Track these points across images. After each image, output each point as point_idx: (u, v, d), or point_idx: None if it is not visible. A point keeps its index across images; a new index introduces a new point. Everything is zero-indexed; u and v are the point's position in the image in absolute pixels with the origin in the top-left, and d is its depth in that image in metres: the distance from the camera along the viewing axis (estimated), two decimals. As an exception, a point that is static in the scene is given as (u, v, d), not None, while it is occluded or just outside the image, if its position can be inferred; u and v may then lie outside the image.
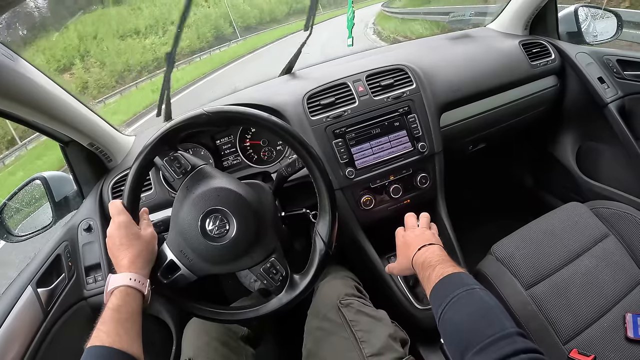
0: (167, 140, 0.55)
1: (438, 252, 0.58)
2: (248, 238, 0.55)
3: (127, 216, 0.55)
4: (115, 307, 0.47)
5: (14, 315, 0.65)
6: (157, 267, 0.55)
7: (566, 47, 1.06)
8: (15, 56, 0.65)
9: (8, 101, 0.63)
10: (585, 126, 1.10)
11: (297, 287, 0.57)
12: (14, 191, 0.92)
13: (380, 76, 0.84)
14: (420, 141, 0.82)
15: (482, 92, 0.93)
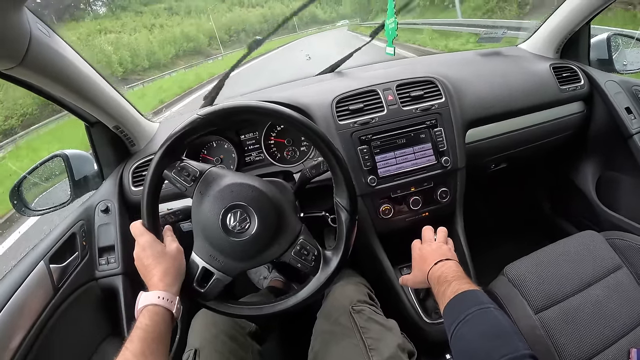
0: (170, 152, 0.59)
1: (454, 268, 0.63)
2: (270, 228, 0.59)
3: (150, 235, 0.59)
4: (143, 327, 0.50)
5: (25, 289, 0.69)
6: (191, 280, 0.59)
7: (596, 74, 1.12)
8: (51, 32, 0.70)
9: (42, 77, 0.68)
10: (608, 155, 1.15)
11: (332, 262, 0.61)
12: (34, 165, 0.98)
13: (411, 87, 0.90)
14: (444, 155, 0.87)
15: (510, 111, 0.99)
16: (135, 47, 24.16)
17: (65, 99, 0.80)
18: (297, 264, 0.60)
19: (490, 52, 1.17)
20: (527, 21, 4.17)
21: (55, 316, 0.73)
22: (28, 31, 0.60)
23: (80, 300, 0.82)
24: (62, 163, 0.98)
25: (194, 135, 0.60)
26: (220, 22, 53.86)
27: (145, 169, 0.93)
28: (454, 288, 0.57)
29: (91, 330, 0.85)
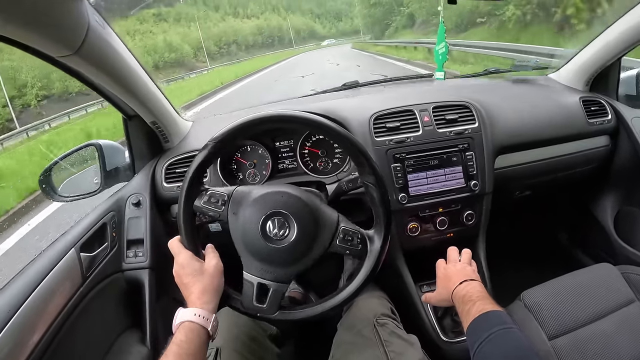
0: (192, 186, 0.63)
1: (479, 289, 0.67)
2: (310, 227, 0.62)
3: (187, 253, 0.62)
4: (178, 342, 0.52)
5: (55, 275, 0.72)
6: (250, 299, 0.62)
7: (623, 109, 1.17)
8: (104, 24, 0.73)
9: (94, 67, 0.71)
10: (629, 191, 1.20)
11: (377, 240, 0.64)
12: (68, 152, 1.02)
13: (446, 110, 0.95)
14: (473, 179, 0.92)
15: (539, 141, 1.04)
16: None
17: (110, 91, 0.84)
18: (345, 251, 0.63)
19: (521, 80, 1.22)
20: (560, 49, 4.27)
21: (82, 304, 0.76)
22: (86, 21, 0.63)
23: (106, 290, 0.85)
24: (95, 152, 1.02)
25: (213, 161, 0.65)
26: (211, 32, 49.99)
27: (179, 167, 0.98)
28: (478, 307, 0.60)
29: (113, 321, 0.88)
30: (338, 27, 66.94)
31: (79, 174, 1.05)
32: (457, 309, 0.67)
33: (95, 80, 0.78)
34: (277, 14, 63.39)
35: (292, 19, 61.12)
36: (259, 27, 55.21)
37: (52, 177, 0.99)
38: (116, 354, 0.83)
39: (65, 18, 0.59)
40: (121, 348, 0.85)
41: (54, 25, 0.57)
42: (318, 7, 68.62)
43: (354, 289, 0.64)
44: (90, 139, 1.05)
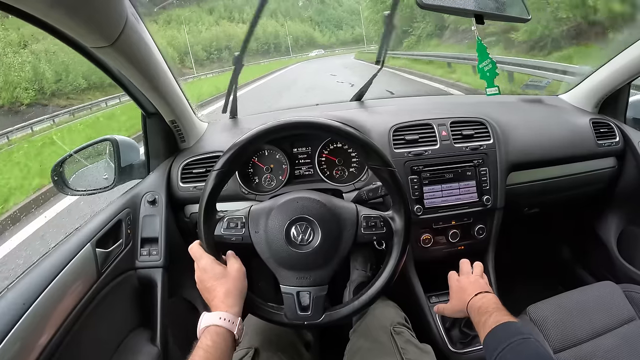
0: (209, 214, 0.65)
1: (494, 301, 0.70)
2: (332, 224, 0.64)
3: (209, 257, 0.63)
4: (204, 347, 0.53)
5: (71, 269, 0.73)
6: (294, 310, 0.63)
7: (631, 132, 1.22)
8: (139, 19, 0.75)
9: (125, 61, 0.73)
10: (633, 211, 1.25)
11: (397, 219, 0.67)
12: (83, 145, 1.03)
13: (463, 125, 0.99)
14: (486, 194, 0.96)
15: (550, 160, 1.09)
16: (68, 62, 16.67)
17: (135, 86, 0.85)
18: (372, 237, 0.66)
19: (532, 99, 1.27)
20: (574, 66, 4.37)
21: (95, 301, 0.78)
22: (125, 14, 0.65)
23: (118, 288, 0.87)
24: (111, 147, 1.03)
25: (222, 186, 0.66)
26: (201, 36, 45.94)
27: (196, 167, 1.00)
28: (495, 318, 0.63)
29: (124, 319, 0.89)
30: (338, 35, 63.97)
31: (91, 168, 1.07)
32: (473, 320, 0.70)
33: (125, 74, 0.80)
34: (274, 19, 59.33)
35: (290, 26, 59.84)
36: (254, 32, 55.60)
37: (65, 169, 1.00)
38: (125, 352, 0.84)
39: (106, 9, 0.60)
40: (131, 346, 0.87)
41: (95, 15, 0.59)
42: (318, 15, 66.56)
43: (389, 273, 0.67)
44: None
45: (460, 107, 1.07)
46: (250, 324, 0.80)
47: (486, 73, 0.88)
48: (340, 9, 67.50)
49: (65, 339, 0.67)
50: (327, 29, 65.18)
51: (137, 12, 0.75)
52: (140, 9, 0.76)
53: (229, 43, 44.91)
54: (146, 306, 0.93)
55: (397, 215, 0.68)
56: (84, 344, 0.73)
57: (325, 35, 64.25)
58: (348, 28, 64.06)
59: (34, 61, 16.14)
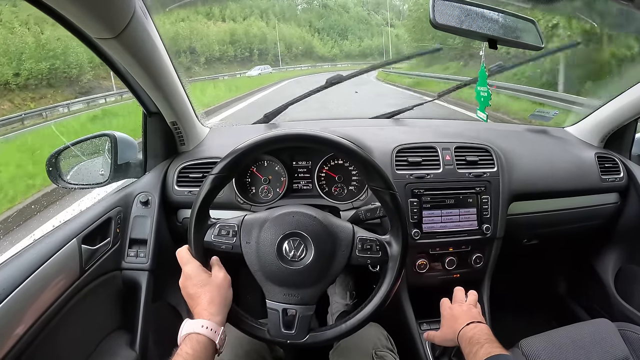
0: (201, 219, 0.64)
1: (486, 332, 0.68)
2: (326, 243, 0.62)
3: (195, 263, 0.62)
4: (184, 355, 0.52)
5: (53, 263, 0.70)
6: (278, 326, 0.61)
7: (635, 169, 1.21)
8: (147, 14, 0.74)
9: (129, 55, 0.71)
10: (632, 249, 1.24)
11: (393, 244, 0.65)
12: (81, 138, 1.02)
13: (468, 151, 0.98)
14: (486, 223, 0.94)
15: (553, 192, 1.07)
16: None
17: (138, 83, 0.84)
18: (366, 261, 0.64)
19: (538, 129, 1.26)
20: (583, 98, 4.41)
21: (76, 298, 0.75)
22: (133, 7, 0.64)
23: (100, 287, 0.84)
24: (108, 143, 1.01)
25: (218, 192, 0.64)
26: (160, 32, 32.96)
27: (193, 172, 0.98)
28: (486, 350, 0.61)
29: (103, 319, 0.87)
30: (342, 46, 49.99)
31: (87, 163, 1.05)
32: (463, 350, 0.68)
33: (127, 69, 0.79)
34: (264, 20, 43.65)
35: (283, 29, 44.24)
36: (232, 33, 36.96)
37: (60, 161, 0.99)
38: (102, 354, 0.81)
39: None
40: (108, 348, 0.84)
41: (102, 5, 0.58)
42: (318, 19, 52.20)
43: (380, 300, 0.64)
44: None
45: (466, 133, 1.06)
46: (228, 336, 0.77)
47: (481, 97, 0.87)
48: (347, 15, 54.48)
49: (40, 333, 0.65)
50: (330, 37, 50.84)
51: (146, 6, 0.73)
52: (150, 3, 0.75)
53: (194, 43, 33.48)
54: (128, 308, 0.91)
55: (394, 240, 0.66)
56: (60, 341, 0.71)
57: (327, 44, 49.40)
58: (355, 38, 51.34)
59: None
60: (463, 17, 0.81)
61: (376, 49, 47.43)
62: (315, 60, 43.02)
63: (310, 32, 50.26)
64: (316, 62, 41.95)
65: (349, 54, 48.11)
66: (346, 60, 43.62)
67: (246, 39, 38.17)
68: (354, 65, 33.80)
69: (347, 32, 52.64)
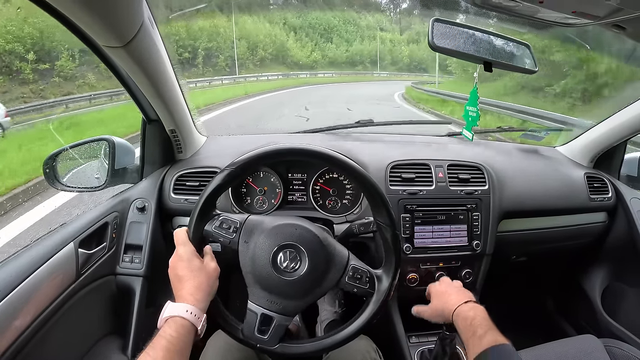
0: (206, 210, 0.64)
1: (486, 315, 0.66)
2: (321, 261, 0.63)
3: (190, 247, 0.61)
4: (168, 337, 0.52)
5: (51, 266, 0.71)
6: (252, 329, 0.62)
7: (624, 189, 1.23)
8: (154, 24, 0.75)
9: (135, 64, 0.72)
10: (619, 267, 1.25)
11: (384, 280, 0.66)
12: (79, 142, 1.01)
13: (460, 169, 0.99)
14: (476, 239, 0.95)
15: (543, 210, 1.09)
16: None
17: (141, 90, 0.85)
18: (353, 289, 0.64)
19: (529, 149, 1.28)
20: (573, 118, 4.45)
21: (71, 302, 0.75)
22: (142, 17, 0.65)
23: (95, 291, 0.84)
24: (107, 148, 1.02)
25: (229, 187, 0.64)
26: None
27: (190, 180, 0.99)
28: (492, 337, 0.59)
29: (97, 324, 0.87)
30: (325, 50, 36.78)
31: (85, 166, 1.05)
32: (462, 329, 0.65)
33: (132, 77, 0.80)
34: (225, 15, 27.67)
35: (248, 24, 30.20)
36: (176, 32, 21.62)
37: (58, 163, 0.98)
38: (95, 359, 0.81)
39: (124, 9, 0.60)
40: (100, 352, 0.84)
41: (113, 14, 0.59)
42: (297, 17, 38.16)
43: (358, 327, 0.65)
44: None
45: (458, 150, 1.08)
46: (213, 346, 0.77)
47: (469, 117, 0.89)
48: (331, 13, 41.12)
49: (34, 336, 0.65)
50: (309, 39, 36.88)
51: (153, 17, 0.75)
52: (157, 14, 0.75)
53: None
54: (122, 314, 0.90)
55: (385, 276, 0.66)
56: (52, 344, 0.71)
57: (306, 47, 35.52)
58: (341, 42, 39.64)
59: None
60: (460, 40, 0.83)
61: (368, 56, 39.09)
62: (289, 67, 31.34)
63: (285, 31, 35.63)
64: (290, 69, 30.58)
65: (332, 61, 36.33)
66: (330, 68, 32.90)
67: (188, 38, 24.13)
68: (339, 75, 26.27)
69: (331, 34, 40.36)
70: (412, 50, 39.57)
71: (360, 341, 0.85)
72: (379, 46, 40.06)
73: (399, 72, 36.89)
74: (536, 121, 5.36)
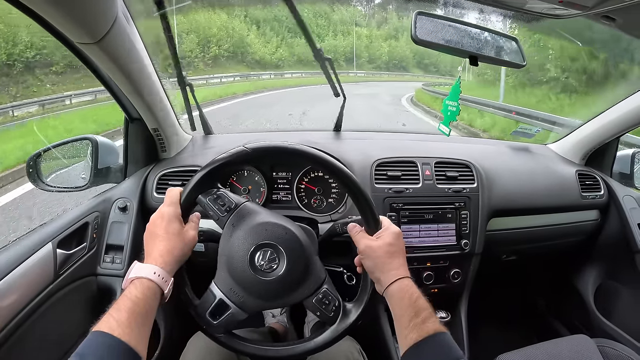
0: (207, 180, 0.61)
1: (417, 289, 0.57)
2: (297, 272, 0.60)
3: (176, 209, 0.59)
4: (133, 298, 0.49)
5: (27, 267, 0.70)
6: (205, 309, 0.60)
7: (616, 186, 1.21)
8: (130, 21, 0.73)
9: (110, 61, 0.70)
10: (612, 266, 1.23)
11: (351, 315, 0.63)
12: (62, 141, 1.00)
13: (448, 167, 0.97)
14: (465, 239, 0.93)
15: (533, 208, 1.06)
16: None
17: (120, 88, 0.83)
18: (316, 312, 0.62)
19: (520, 147, 1.26)
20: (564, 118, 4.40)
21: (49, 302, 0.74)
22: (115, 13, 0.63)
23: (76, 292, 0.83)
24: (90, 147, 1.00)
25: (234, 167, 0.62)
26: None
27: (173, 179, 0.96)
28: (435, 323, 0.53)
29: (76, 325, 0.85)
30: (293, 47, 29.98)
31: (74, 169, 1.03)
32: (400, 305, 0.56)
33: (109, 74, 0.78)
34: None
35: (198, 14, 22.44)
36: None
37: (41, 163, 0.97)
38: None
39: (95, 4, 0.58)
40: None
41: (83, 10, 0.57)
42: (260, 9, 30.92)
43: (306, 349, 0.63)
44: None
45: (446, 148, 1.05)
46: (190, 350, 0.75)
47: (448, 112, 0.86)
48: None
49: (10, 337, 0.64)
50: (274, 33, 30.88)
51: (130, 12, 0.72)
52: (135, 9, 0.72)
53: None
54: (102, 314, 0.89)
55: (354, 309, 0.63)
56: (30, 345, 0.69)
57: (271, 43, 30.14)
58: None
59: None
60: (445, 34, 0.80)
61: (342, 53, 32.86)
62: (250, 67, 25.91)
63: (246, 24, 29.20)
64: (251, 68, 25.03)
65: (301, 60, 28.75)
66: (298, 67, 26.25)
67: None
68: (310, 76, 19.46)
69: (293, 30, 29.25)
70: (391, 46, 36.44)
71: (343, 342, 0.83)
72: (355, 42, 34.30)
73: (377, 71, 33.93)
74: (527, 121, 5.34)
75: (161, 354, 0.96)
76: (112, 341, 0.45)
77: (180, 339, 0.79)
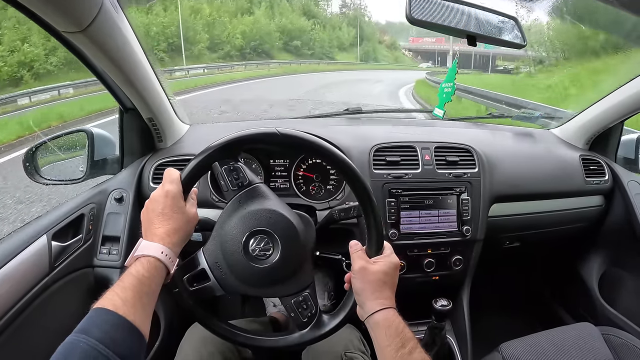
0: (230, 149, 0.58)
1: (405, 324, 0.54)
2: (288, 267, 0.59)
3: (179, 188, 0.57)
4: (140, 277, 0.48)
5: (22, 259, 0.69)
6: (185, 273, 0.58)
7: (621, 171, 1.17)
8: (119, 8, 0.70)
9: (98, 50, 0.67)
10: (616, 252, 1.20)
11: (323, 327, 0.61)
12: (58, 134, 0.98)
13: (448, 151, 0.94)
14: (466, 225, 0.90)
15: (536, 194, 1.03)
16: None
17: (111, 78, 0.80)
18: (291, 313, 0.60)
19: (522, 131, 1.22)
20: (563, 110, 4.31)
21: (44, 295, 0.73)
22: (100, 1, 0.61)
23: (72, 284, 0.81)
24: (86, 139, 0.98)
25: (258, 146, 0.60)
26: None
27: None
28: (420, 355, 0.51)
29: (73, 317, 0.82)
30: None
31: (71, 161, 1.01)
32: (384, 336, 0.52)
33: (97, 64, 0.76)
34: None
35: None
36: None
37: (38, 156, 0.95)
38: None
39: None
40: None
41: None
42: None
43: (266, 345, 0.61)
44: None
45: (446, 133, 1.02)
46: (188, 339, 0.74)
47: (443, 94, 0.83)
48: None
49: (5, 330, 0.63)
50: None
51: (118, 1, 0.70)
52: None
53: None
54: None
55: (328, 323, 0.61)
56: (26, 338, 0.69)
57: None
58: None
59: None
60: (441, 13, 0.76)
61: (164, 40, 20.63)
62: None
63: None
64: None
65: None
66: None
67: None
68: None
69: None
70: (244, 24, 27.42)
71: (344, 330, 0.81)
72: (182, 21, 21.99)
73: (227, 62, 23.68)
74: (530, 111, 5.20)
75: (161, 345, 0.94)
76: (116, 319, 0.43)
77: (181, 330, 0.77)
